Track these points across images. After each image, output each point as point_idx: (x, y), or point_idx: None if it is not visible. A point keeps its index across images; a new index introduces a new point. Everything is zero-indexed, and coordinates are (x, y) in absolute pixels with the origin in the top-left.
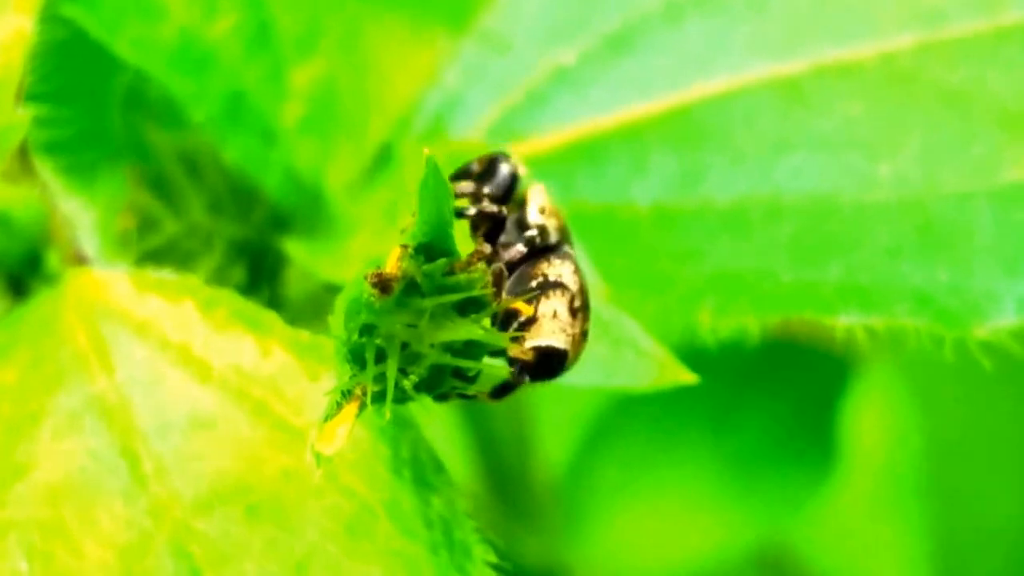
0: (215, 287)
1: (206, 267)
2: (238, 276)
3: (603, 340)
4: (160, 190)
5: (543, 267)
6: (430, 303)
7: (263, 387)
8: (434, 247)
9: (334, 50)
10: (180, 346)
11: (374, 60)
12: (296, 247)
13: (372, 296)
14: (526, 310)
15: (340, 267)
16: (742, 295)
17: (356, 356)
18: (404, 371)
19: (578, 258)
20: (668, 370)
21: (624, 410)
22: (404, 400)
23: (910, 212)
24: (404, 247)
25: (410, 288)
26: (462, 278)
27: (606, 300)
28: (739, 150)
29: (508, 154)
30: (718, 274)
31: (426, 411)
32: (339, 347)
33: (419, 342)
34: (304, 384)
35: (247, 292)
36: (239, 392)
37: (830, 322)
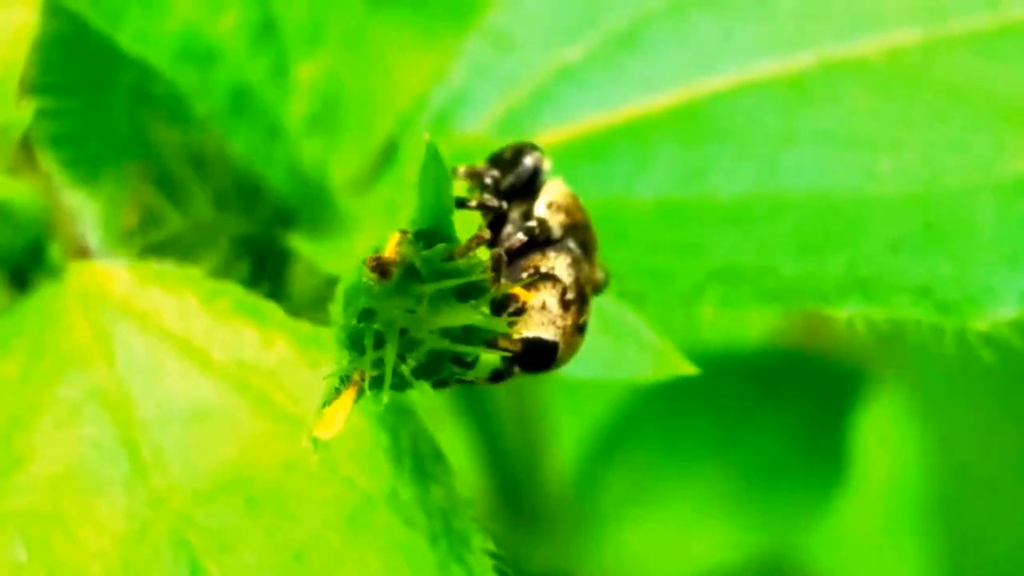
0: (216, 279)
1: (210, 262)
2: (242, 271)
3: (605, 333)
4: (165, 184)
5: (536, 259)
6: (429, 288)
7: (264, 378)
8: (433, 233)
9: (339, 46)
10: (181, 337)
11: (380, 56)
12: (301, 242)
13: (371, 281)
14: (524, 296)
15: (345, 262)
16: (744, 288)
17: (355, 342)
18: (403, 357)
19: (581, 255)
20: (670, 363)
21: (634, 419)
22: (403, 386)
23: (912, 206)
24: (403, 232)
25: (409, 273)
26: (461, 263)
27: (609, 293)
28: (744, 145)
29: (535, 147)
30: (720, 267)
31: (437, 416)
32: (338, 333)
33: (418, 328)
34: (305, 375)
35: (250, 286)
36: (240, 383)
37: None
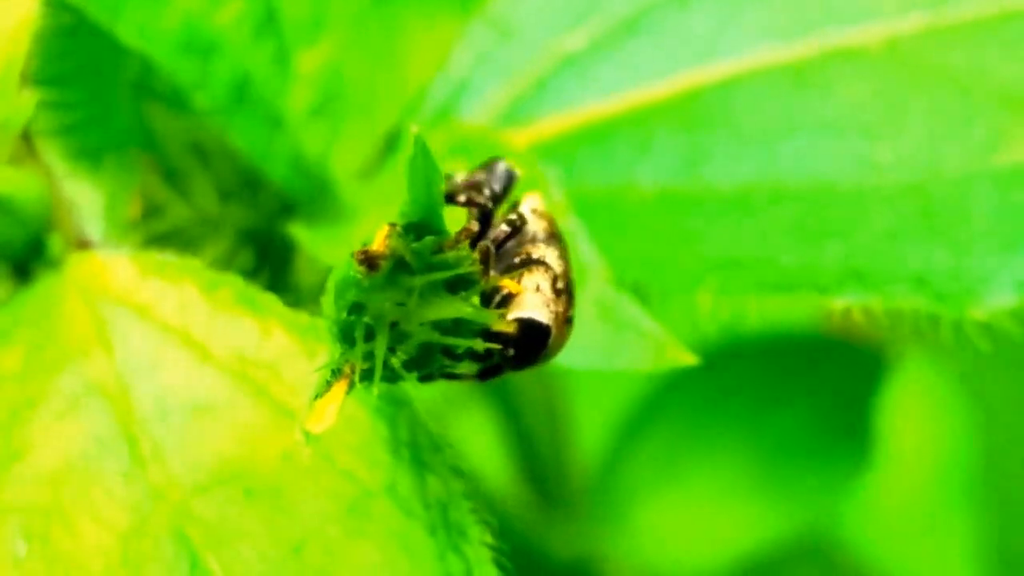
0: (218, 270)
1: (212, 253)
2: (245, 262)
3: (605, 322)
4: (167, 176)
5: (527, 247)
6: (419, 281)
7: (263, 370)
8: (423, 225)
9: (341, 35)
10: (181, 329)
11: (382, 45)
12: (303, 233)
13: (360, 274)
14: (513, 287)
15: (345, 252)
16: (743, 277)
17: (345, 334)
18: (393, 349)
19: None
20: (670, 352)
21: (660, 401)
22: (394, 378)
23: (911, 194)
24: (392, 225)
25: (399, 266)
26: (451, 256)
27: (608, 282)
28: (743, 134)
29: (504, 156)
30: (720, 256)
31: (462, 403)
32: (329, 325)
33: (408, 320)
34: (304, 366)
35: (251, 278)
36: (239, 375)
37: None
